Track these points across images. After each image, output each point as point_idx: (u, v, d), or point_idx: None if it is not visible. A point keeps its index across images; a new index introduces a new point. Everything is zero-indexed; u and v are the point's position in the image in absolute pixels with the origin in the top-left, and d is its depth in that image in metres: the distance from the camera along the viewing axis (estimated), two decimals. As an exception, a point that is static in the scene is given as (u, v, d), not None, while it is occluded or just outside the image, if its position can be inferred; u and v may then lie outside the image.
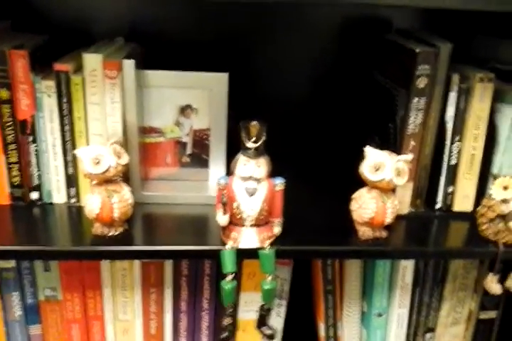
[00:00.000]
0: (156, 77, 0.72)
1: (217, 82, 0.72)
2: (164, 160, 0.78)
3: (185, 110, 0.76)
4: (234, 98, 0.75)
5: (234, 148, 0.74)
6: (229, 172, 0.66)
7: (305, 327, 0.90)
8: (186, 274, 0.76)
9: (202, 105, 0.75)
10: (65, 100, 0.68)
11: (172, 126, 0.76)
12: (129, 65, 0.69)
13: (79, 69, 0.69)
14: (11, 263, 0.73)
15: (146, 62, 0.76)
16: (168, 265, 0.75)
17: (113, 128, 0.70)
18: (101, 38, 0.78)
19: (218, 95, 0.73)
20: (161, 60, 0.79)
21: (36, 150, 0.71)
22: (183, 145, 0.77)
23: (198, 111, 0.75)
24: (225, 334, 0.64)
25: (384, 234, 0.67)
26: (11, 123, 0.69)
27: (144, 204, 0.73)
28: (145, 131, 0.76)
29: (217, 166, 0.77)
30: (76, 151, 0.63)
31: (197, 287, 0.77)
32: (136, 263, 0.75)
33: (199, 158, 0.78)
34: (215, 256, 0.63)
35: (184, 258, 0.74)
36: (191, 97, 0.75)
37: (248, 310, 0.78)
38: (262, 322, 0.65)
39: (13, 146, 0.70)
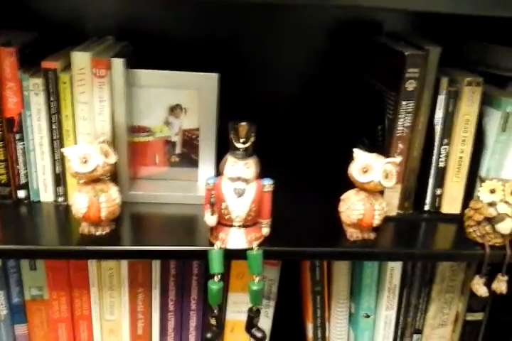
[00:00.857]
0: (146, 76, 0.72)
1: (208, 82, 0.72)
2: (153, 160, 0.78)
3: (174, 110, 0.75)
4: (224, 98, 0.75)
5: (223, 149, 0.74)
6: (218, 172, 0.66)
7: (293, 328, 0.90)
8: (174, 274, 0.76)
9: (192, 105, 0.75)
10: (52, 98, 0.67)
11: (161, 126, 0.76)
12: (118, 63, 0.68)
13: (67, 67, 0.68)
14: (-6, 262, 0.72)
15: (136, 62, 0.75)
16: (156, 265, 0.75)
17: (101, 127, 0.69)
18: (91, 36, 0.77)
19: (208, 95, 0.73)
20: (151, 59, 0.79)
21: (23, 149, 0.70)
22: (172, 144, 0.77)
23: (188, 110, 0.75)
24: (209, 335, 0.64)
25: (372, 235, 0.67)
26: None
27: (132, 203, 0.73)
28: (134, 130, 0.75)
29: (206, 166, 0.77)
30: (63, 150, 0.63)
31: (185, 287, 0.77)
32: (124, 263, 0.74)
33: (188, 157, 0.78)
34: (203, 257, 0.63)
35: (172, 259, 0.74)
36: (181, 97, 0.74)
37: (236, 311, 0.78)
38: (251, 324, 0.64)
39: (1, 144, 0.69)
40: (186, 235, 0.67)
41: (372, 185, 0.64)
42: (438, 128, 0.71)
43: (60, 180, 0.71)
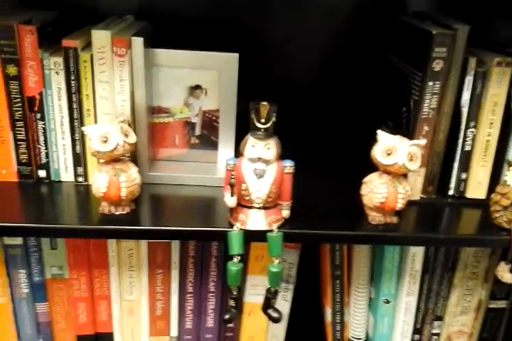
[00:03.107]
0: (166, 56, 0.71)
1: (228, 62, 0.71)
2: (173, 141, 0.77)
3: (194, 90, 0.74)
4: (244, 79, 0.73)
5: (243, 130, 0.73)
6: (238, 153, 0.65)
7: (311, 312, 0.90)
8: (193, 256, 0.75)
9: (212, 86, 0.74)
10: (73, 77, 0.67)
11: (181, 107, 0.75)
12: (138, 42, 0.67)
13: (88, 46, 0.68)
14: (18, 240, 0.73)
15: (156, 41, 0.74)
16: (175, 246, 0.75)
17: (121, 107, 0.69)
18: (110, 16, 0.76)
19: (228, 75, 0.72)
20: (171, 39, 0.77)
21: (44, 128, 0.70)
22: (192, 126, 0.77)
23: (208, 91, 0.74)
24: (227, 316, 0.63)
25: (394, 219, 0.65)
26: (18, 100, 0.68)
27: (151, 184, 0.73)
28: (154, 110, 0.75)
29: (226, 148, 0.76)
30: (84, 128, 0.63)
31: (203, 269, 0.76)
32: (143, 243, 0.74)
33: (208, 139, 0.77)
34: (222, 238, 0.62)
35: (191, 239, 0.74)
36: (201, 77, 0.73)
37: (254, 294, 0.78)
38: (268, 305, 0.64)
39: (20, 123, 0.69)
40: (205, 216, 0.67)
41: (396, 168, 0.62)
42: (464, 111, 0.69)
43: (80, 159, 0.71)
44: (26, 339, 0.80)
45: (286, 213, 0.63)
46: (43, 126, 0.70)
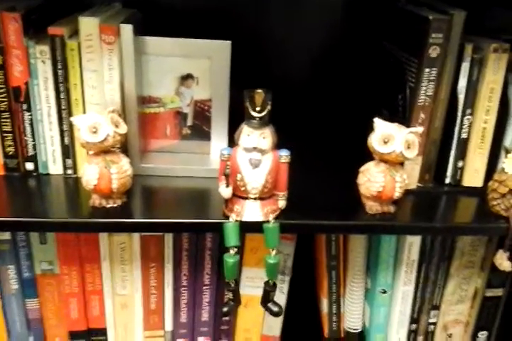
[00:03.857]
0: (156, 44, 0.69)
1: (220, 50, 0.69)
2: (164, 132, 0.75)
3: (186, 79, 0.72)
4: (237, 67, 0.72)
5: (236, 120, 0.72)
6: (231, 144, 0.63)
7: (307, 304, 0.89)
8: (187, 248, 0.74)
9: (203, 74, 0.72)
10: (60, 66, 0.65)
11: (172, 96, 0.73)
12: (127, 29, 0.65)
13: (75, 34, 0.65)
14: (6, 235, 0.71)
15: (145, 30, 0.72)
16: (169, 239, 0.73)
17: (111, 97, 0.67)
18: (97, 3, 0.74)
19: (220, 64, 0.70)
20: (160, 27, 0.75)
21: (31, 119, 0.68)
22: (184, 116, 0.75)
23: (200, 80, 0.72)
24: (225, 309, 0.62)
25: (392, 208, 0.64)
26: (3, 90, 0.66)
27: (143, 176, 0.71)
28: (144, 100, 0.73)
29: (218, 138, 0.74)
30: (72, 119, 0.61)
31: (198, 261, 0.75)
32: (136, 236, 0.73)
33: (200, 129, 0.75)
34: (217, 230, 0.61)
35: (185, 232, 0.72)
36: (192, 66, 0.71)
37: (250, 286, 0.77)
38: (267, 298, 0.63)
39: (6, 115, 0.67)
40: (199, 208, 0.65)
41: (393, 156, 0.61)
42: (461, 98, 0.68)
43: (68, 151, 0.69)
44: (16, 336, 0.78)
45: (282, 203, 0.62)
46: (30, 116, 0.67)
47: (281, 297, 0.79)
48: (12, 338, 0.78)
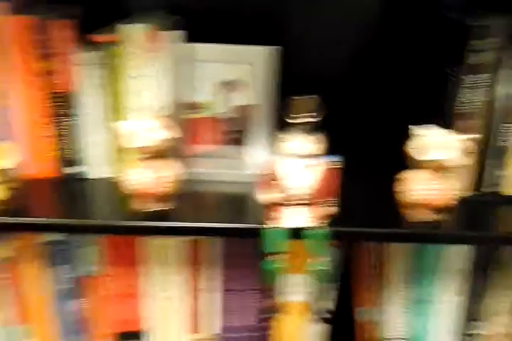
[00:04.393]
0: (200, 50, 0.70)
1: (264, 56, 0.70)
2: (206, 137, 0.76)
3: (228, 85, 0.73)
4: (282, 72, 0.72)
5: (276, 126, 0.72)
6: (271, 150, 0.64)
7: (342, 310, 0.88)
8: (231, 252, 0.74)
9: (246, 80, 0.72)
10: (106, 73, 0.66)
11: (214, 102, 0.74)
12: (171, 36, 0.66)
13: (120, 40, 0.67)
14: (56, 237, 0.72)
15: (187, 36, 0.73)
16: (213, 242, 0.74)
17: (155, 103, 0.68)
18: (140, 10, 0.75)
19: (264, 70, 0.70)
20: (203, 34, 0.76)
21: (77, 124, 0.69)
22: (226, 121, 0.75)
23: (242, 86, 0.73)
24: (267, 315, 0.62)
25: (436, 217, 0.63)
26: (54, 95, 0.67)
27: (185, 180, 0.72)
28: (187, 106, 0.74)
29: (259, 144, 0.75)
30: (122, 124, 0.62)
31: (242, 266, 0.75)
32: (179, 239, 0.73)
33: (241, 135, 0.75)
34: (259, 235, 0.61)
35: (227, 236, 0.72)
36: (235, 72, 0.72)
37: (291, 292, 0.76)
38: (315, 305, 0.63)
39: (57, 119, 0.69)
40: (240, 213, 0.66)
41: (435, 164, 0.60)
42: (502, 105, 0.67)
43: (114, 156, 0.70)
44: (66, 335, 0.80)
45: (328, 210, 0.62)
46: (76, 122, 0.69)
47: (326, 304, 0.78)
48: (62, 337, 0.80)
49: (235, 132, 0.75)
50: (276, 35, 0.81)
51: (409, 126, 0.62)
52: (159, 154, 0.63)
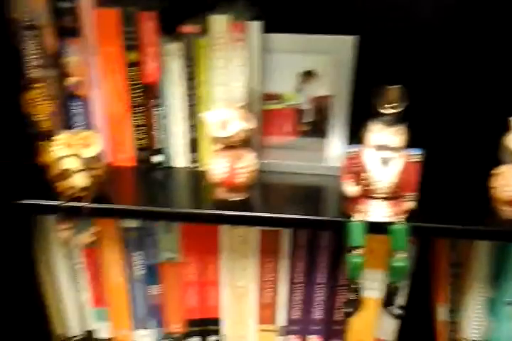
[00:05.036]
0: (281, 40, 0.69)
1: (343, 45, 0.68)
2: (282, 128, 0.76)
3: (307, 76, 0.72)
4: (361, 62, 0.70)
5: (354, 117, 0.70)
6: (349, 141, 0.62)
7: (421, 309, 0.85)
8: (303, 245, 0.74)
9: (325, 71, 0.71)
10: (190, 63, 0.67)
11: (292, 93, 0.73)
12: (255, 26, 0.66)
13: (205, 31, 0.67)
14: (135, 223, 0.75)
15: (266, 27, 0.72)
16: (286, 234, 0.74)
17: (237, 93, 0.68)
18: (221, 1, 0.76)
19: (343, 60, 0.69)
20: (279, 24, 0.75)
21: (161, 114, 0.71)
22: (302, 112, 0.74)
23: (321, 77, 0.71)
24: (348, 310, 0.61)
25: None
26: (138, 86, 0.69)
27: (260, 171, 0.71)
28: (264, 97, 0.73)
29: (336, 136, 0.73)
30: (204, 114, 0.63)
31: (313, 259, 0.75)
32: (254, 230, 0.74)
33: (318, 126, 0.74)
34: (336, 228, 0.60)
35: (304, 228, 0.72)
36: (314, 62, 0.71)
37: (367, 288, 0.75)
38: (389, 301, 0.61)
39: (139, 109, 0.70)
40: (317, 205, 0.65)
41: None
42: None
43: (195, 145, 0.72)
44: (139, 320, 0.83)
45: (410, 204, 0.60)
46: (161, 112, 0.71)
47: (398, 300, 0.76)
48: (135, 321, 0.83)
49: (313, 123, 0.74)
50: (351, 24, 0.79)
51: (509, 118, 0.58)
52: (238, 144, 0.63)
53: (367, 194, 0.59)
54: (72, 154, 0.61)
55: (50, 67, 0.68)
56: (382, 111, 0.57)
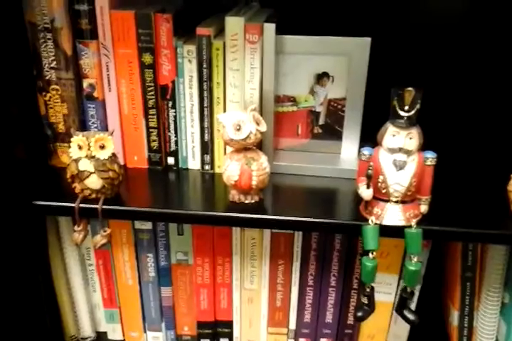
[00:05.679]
0: (296, 42, 0.69)
1: (358, 47, 0.68)
2: (296, 131, 0.76)
3: (321, 78, 0.72)
4: (376, 64, 0.69)
5: (368, 120, 0.70)
6: (363, 144, 0.61)
7: (433, 313, 0.84)
8: (315, 248, 0.73)
9: (339, 73, 0.71)
10: (205, 65, 0.67)
11: (306, 95, 0.73)
12: (270, 28, 0.66)
13: (219, 33, 0.67)
14: (147, 225, 0.75)
15: (281, 29, 0.73)
16: (298, 237, 0.73)
17: (250, 95, 0.68)
18: (235, 3, 0.76)
19: (358, 62, 0.68)
20: (294, 26, 0.75)
21: (174, 116, 0.71)
22: (316, 115, 0.74)
23: (335, 79, 0.71)
24: (360, 314, 0.61)
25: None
26: (152, 88, 0.69)
27: (274, 174, 0.71)
28: (278, 99, 0.73)
29: (350, 138, 0.73)
30: (218, 116, 0.63)
31: (325, 262, 0.74)
32: (267, 232, 0.74)
33: (332, 129, 0.74)
34: (349, 231, 0.60)
35: (317, 231, 0.72)
36: (329, 64, 0.70)
37: (378, 291, 0.74)
38: (403, 305, 0.61)
39: (153, 111, 0.71)
40: (330, 208, 0.64)
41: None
42: None
43: (207, 148, 0.72)
44: (150, 322, 0.83)
45: (424, 208, 0.59)
46: (174, 113, 0.71)
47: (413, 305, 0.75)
48: (146, 323, 0.83)
49: (327, 125, 0.74)
50: (366, 26, 0.79)
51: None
52: (251, 147, 0.63)
53: (382, 197, 0.59)
54: (88, 156, 0.62)
55: (66, 69, 0.69)
56: (400, 112, 0.56)
